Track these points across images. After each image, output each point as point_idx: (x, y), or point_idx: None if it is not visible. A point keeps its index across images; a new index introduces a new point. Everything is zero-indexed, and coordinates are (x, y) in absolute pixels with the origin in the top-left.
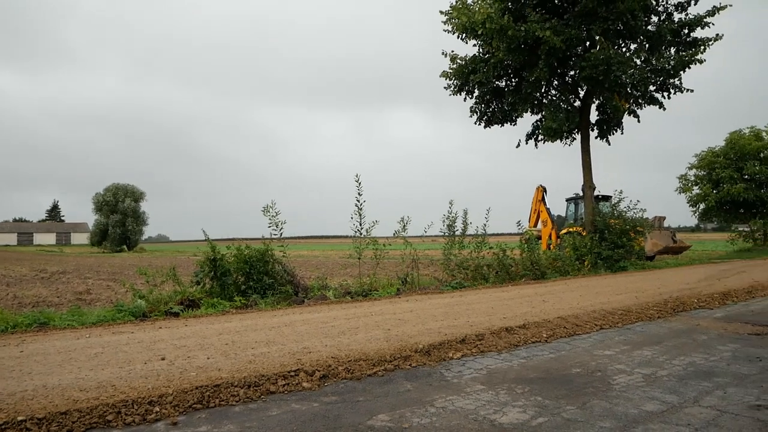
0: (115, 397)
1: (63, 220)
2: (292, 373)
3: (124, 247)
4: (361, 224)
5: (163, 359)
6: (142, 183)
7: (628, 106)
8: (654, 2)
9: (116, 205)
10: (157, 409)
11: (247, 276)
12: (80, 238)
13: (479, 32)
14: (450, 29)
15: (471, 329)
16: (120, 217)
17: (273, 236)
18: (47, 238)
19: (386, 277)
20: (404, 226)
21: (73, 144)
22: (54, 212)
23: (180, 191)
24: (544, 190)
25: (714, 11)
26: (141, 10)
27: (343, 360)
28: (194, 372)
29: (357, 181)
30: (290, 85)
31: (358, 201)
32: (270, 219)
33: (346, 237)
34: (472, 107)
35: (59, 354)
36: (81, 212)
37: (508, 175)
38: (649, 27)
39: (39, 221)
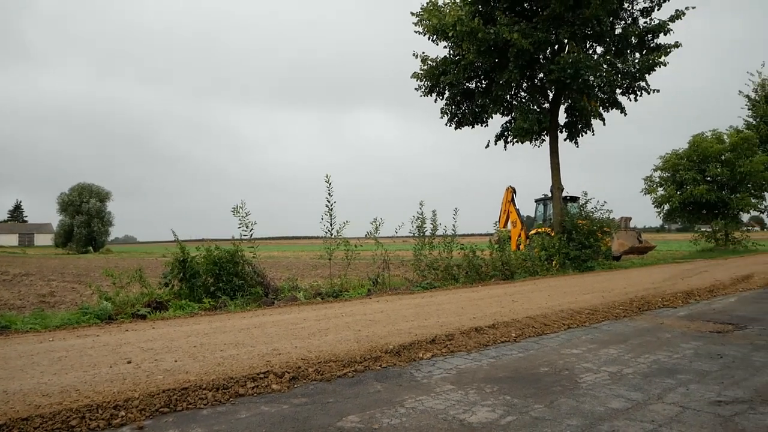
0: (79, 401)
1: (26, 221)
2: (262, 375)
3: (90, 248)
4: (331, 225)
5: (129, 362)
6: (107, 183)
7: (597, 106)
8: (620, 7)
9: (81, 205)
10: (123, 414)
11: (217, 277)
12: (44, 240)
13: (450, 34)
14: (421, 31)
15: (441, 329)
16: (85, 218)
17: (243, 237)
18: (9, 240)
19: (357, 278)
20: (377, 227)
21: (34, 143)
22: (16, 213)
23: (147, 191)
24: (514, 191)
25: (677, 16)
26: (102, 5)
27: (313, 361)
28: (161, 375)
29: (327, 182)
30: (256, 84)
31: (329, 201)
32: (240, 220)
33: (317, 238)
34: (442, 108)
35: (21, 358)
36: (45, 213)
37: (478, 176)
38: (616, 31)
39: (0, 222)
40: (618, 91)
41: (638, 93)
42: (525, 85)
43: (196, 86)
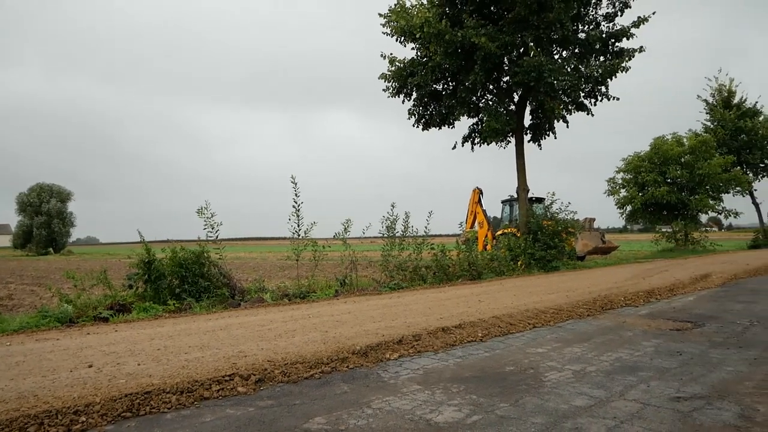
0: (37, 407)
1: None
2: (227, 378)
3: (50, 249)
4: (299, 225)
5: (90, 366)
6: (68, 183)
7: (561, 109)
8: (583, 12)
9: (41, 205)
10: (84, 419)
11: (182, 279)
12: (2, 241)
13: (417, 36)
14: (389, 32)
15: (408, 330)
16: (45, 219)
17: (209, 238)
18: None
19: (325, 279)
20: (346, 228)
21: None
22: None
23: (109, 191)
24: (481, 192)
25: (639, 22)
26: (61, 1)
27: (280, 363)
28: (124, 379)
29: (293, 182)
30: (222, 84)
31: (295, 202)
32: (205, 221)
33: (285, 239)
34: (410, 109)
35: None
36: (2, 213)
37: (445, 177)
38: (580, 35)
39: None
40: (582, 94)
41: (599, 98)
42: (491, 87)
43: (162, 85)
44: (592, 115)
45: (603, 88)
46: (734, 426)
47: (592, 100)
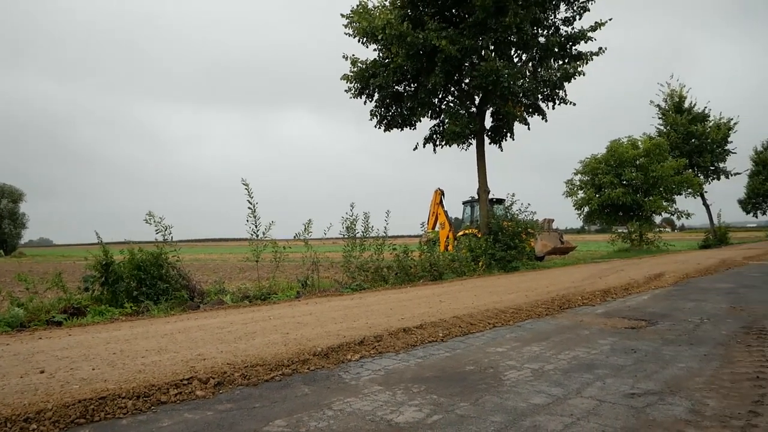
0: None
1: None
2: (185, 382)
3: (1, 251)
4: (256, 226)
5: (42, 372)
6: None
7: (521, 111)
8: (542, 16)
9: None
10: (34, 427)
11: (140, 281)
12: None
13: (379, 37)
14: (351, 33)
15: (370, 331)
16: None
17: (167, 240)
18: None
19: (286, 280)
20: (306, 228)
21: None
22: None
23: (63, 191)
24: (442, 193)
25: (596, 26)
26: None
27: (240, 366)
28: (77, 384)
29: (245, 185)
30: (177, 82)
31: (251, 203)
32: (156, 225)
33: (245, 240)
34: (372, 111)
35: None
36: None
37: (407, 178)
38: (539, 39)
39: None
40: (540, 98)
41: (557, 101)
42: (452, 89)
43: (115, 83)
44: (546, 120)
45: (561, 93)
46: (685, 420)
47: (551, 104)
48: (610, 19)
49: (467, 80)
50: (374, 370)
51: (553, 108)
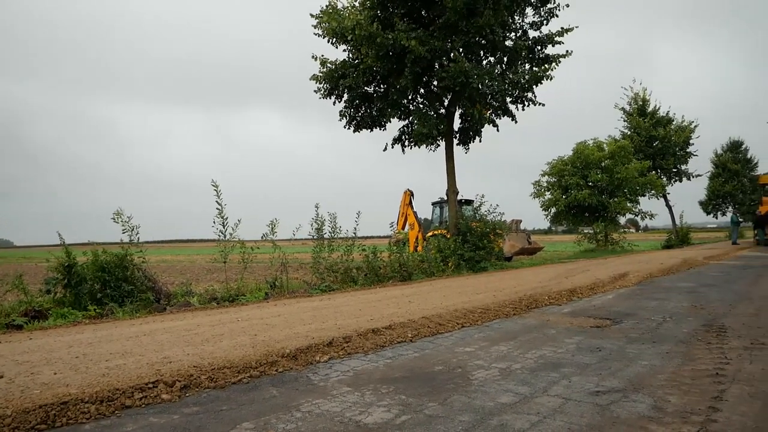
0: None
1: None
2: (151, 385)
3: None
4: (224, 227)
5: (1, 377)
6: None
7: (489, 114)
8: (511, 20)
9: None
10: None
11: (104, 283)
12: None
13: (349, 38)
14: (320, 33)
15: (338, 332)
16: None
17: (132, 241)
18: None
19: (255, 282)
20: (272, 228)
21: None
22: None
23: (24, 192)
24: (412, 194)
25: (563, 32)
26: None
27: (207, 369)
28: (38, 390)
29: (215, 186)
30: (142, 79)
31: (219, 204)
32: (123, 224)
33: (213, 241)
34: (341, 111)
35: None
36: None
37: (376, 178)
38: (508, 42)
39: None
40: (508, 100)
41: (526, 103)
42: (422, 90)
43: (76, 82)
44: (516, 121)
45: (530, 94)
46: (647, 417)
47: (520, 106)
48: (577, 27)
49: (436, 82)
50: (343, 371)
51: (523, 109)
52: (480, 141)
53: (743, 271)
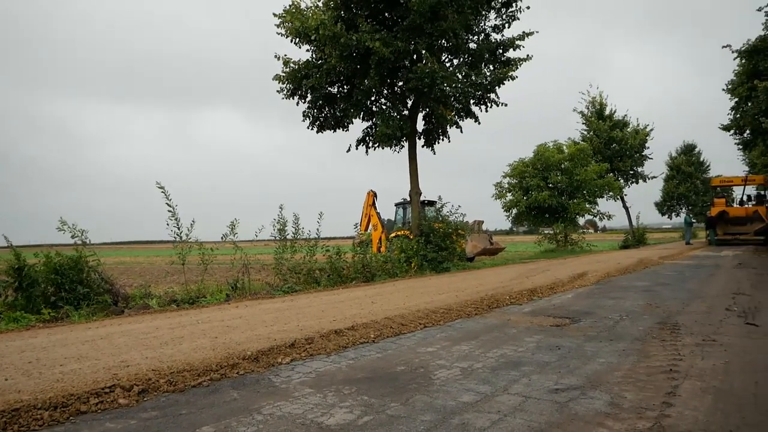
0: None
1: None
2: (107, 390)
3: None
4: (179, 228)
5: None
6: None
7: (452, 115)
8: (474, 23)
9: None
10: None
11: (58, 286)
12: None
13: (312, 38)
14: (283, 33)
15: (301, 333)
16: None
17: (85, 243)
18: None
19: (216, 283)
20: (233, 229)
21: None
22: None
23: None
24: (375, 195)
25: (524, 35)
26: None
27: (165, 372)
28: None
29: (160, 187)
30: (92, 76)
31: (170, 205)
32: (70, 231)
33: (172, 242)
34: (304, 112)
35: None
36: None
37: (339, 179)
38: (471, 45)
39: None
40: (472, 101)
41: (489, 105)
42: (386, 92)
43: (24, 78)
44: (479, 123)
45: (492, 96)
46: (604, 413)
47: (483, 107)
48: (537, 31)
49: (401, 83)
50: (305, 373)
51: (486, 111)
52: (449, 141)
53: (696, 271)
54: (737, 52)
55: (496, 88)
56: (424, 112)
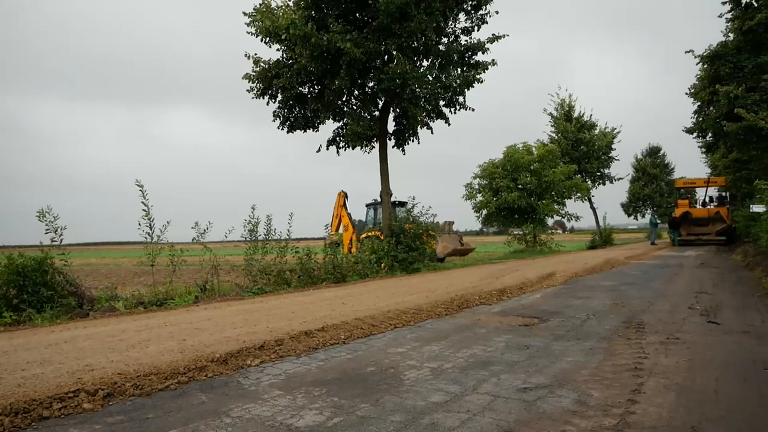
0: None
1: None
2: (71, 395)
3: None
4: (151, 228)
5: None
6: None
7: (423, 116)
8: (444, 24)
9: None
10: None
11: (20, 288)
12: None
13: (283, 37)
14: (253, 32)
15: (271, 335)
16: None
17: (53, 243)
18: None
19: (184, 285)
20: (204, 231)
21: None
22: None
23: None
24: (346, 195)
25: (493, 39)
26: None
27: (132, 376)
28: None
29: (139, 186)
30: (51, 74)
31: (145, 205)
32: (47, 224)
33: (140, 243)
34: (275, 112)
35: None
36: None
37: (310, 179)
38: (441, 47)
39: None
40: (441, 103)
41: (457, 108)
42: (357, 92)
43: None
44: (449, 124)
45: (461, 98)
46: (572, 411)
47: (451, 109)
48: (507, 35)
49: (372, 84)
50: (275, 375)
51: (454, 113)
52: (419, 142)
53: (661, 270)
54: (699, 57)
55: (465, 90)
56: (395, 113)
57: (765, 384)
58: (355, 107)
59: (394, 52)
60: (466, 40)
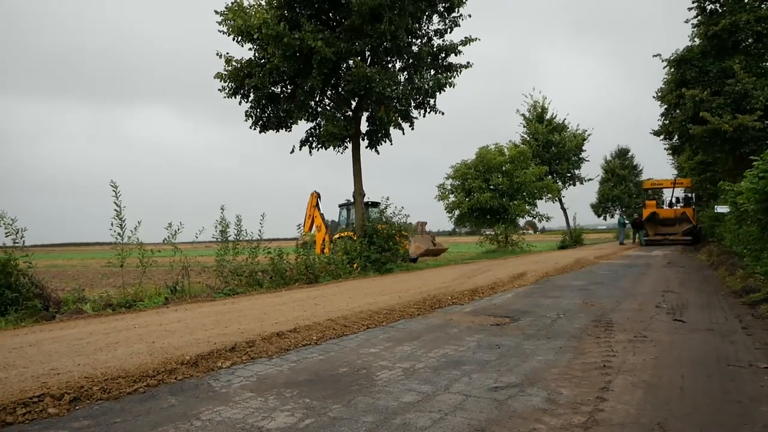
0: None
1: None
2: (36, 399)
3: None
4: (122, 229)
5: None
6: None
7: (395, 117)
8: (417, 26)
9: None
10: None
11: None
12: None
13: (255, 36)
14: (225, 31)
15: (242, 336)
16: None
17: (16, 245)
18: None
19: (154, 286)
20: (175, 232)
21: None
22: None
23: None
24: (319, 196)
25: (466, 41)
26: None
27: (99, 379)
28: None
29: (113, 187)
30: (15, 70)
31: (117, 206)
32: (6, 228)
33: (109, 244)
34: (247, 112)
35: None
36: None
37: (282, 179)
38: (414, 47)
39: None
40: (413, 104)
41: (428, 110)
42: (330, 92)
43: None
44: (413, 128)
45: (432, 101)
46: (542, 409)
47: (422, 111)
48: (478, 39)
49: (343, 84)
50: (246, 377)
51: (424, 116)
52: (391, 143)
53: (629, 270)
54: (666, 61)
55: (437, 93)
56: (367, 113)
57: (729, 381)
58: (328, 107)
59: (358, 58)
60: (439, 43)
